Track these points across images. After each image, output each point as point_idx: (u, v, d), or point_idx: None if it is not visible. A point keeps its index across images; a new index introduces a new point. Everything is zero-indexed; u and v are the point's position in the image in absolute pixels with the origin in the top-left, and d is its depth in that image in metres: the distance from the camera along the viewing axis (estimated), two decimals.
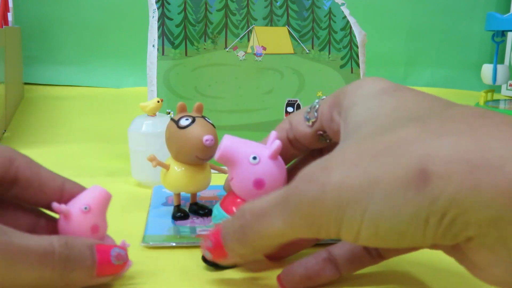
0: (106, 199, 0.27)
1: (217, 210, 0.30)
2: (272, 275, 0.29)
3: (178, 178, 0.35)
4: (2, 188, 0.26)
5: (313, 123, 0.28)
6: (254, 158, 0.28)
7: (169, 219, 0.37)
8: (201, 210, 0.38)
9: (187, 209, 0.38)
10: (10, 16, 0.85)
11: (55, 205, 0.26)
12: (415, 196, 0.19)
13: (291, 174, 0.27)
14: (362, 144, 0.21)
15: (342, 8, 0.58)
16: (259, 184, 0.28)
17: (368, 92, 0.24)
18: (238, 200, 0.29)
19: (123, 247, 0.26)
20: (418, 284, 0.29)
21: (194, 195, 0.38)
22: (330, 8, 0.58)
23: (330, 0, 0.58)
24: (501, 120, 0.19)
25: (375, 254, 0.28)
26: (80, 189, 0.28)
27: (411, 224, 0.19)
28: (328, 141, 0.29)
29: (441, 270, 0.30)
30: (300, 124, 0.28)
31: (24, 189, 0.26)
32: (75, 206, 0.26)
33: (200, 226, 0.36)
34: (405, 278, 0.30)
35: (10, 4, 0.87)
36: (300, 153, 0.31)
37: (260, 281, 0.29)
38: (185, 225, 0.36)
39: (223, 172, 0.38)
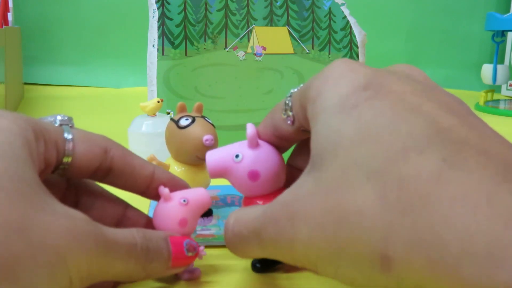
0: (205, 202, 0.28)
1: None
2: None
3: None
4: (97, 177, 0.27)
5: (292, 122, 0.26)
6: (237, 156, 0.28)
7: None
8: None
9: None
10: (10, 16, 0.86)
11: (161, 187, 0.27)
12: (381, 276, 0.18)
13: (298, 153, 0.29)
14: (325, 199, 0.20)
15: (342, 8, 0.58)
16: (253, 175, 0.28)
17: (327, 105, 0.22)
18: (256, 200, 0.29)
19: (193, 239, 0.27)
20: None
21: None
22: (330, 8, 0.58)
23: (330, 0, 0.58)
24: (457, 187, 0.17)
25: None
26: (169, 176, 0.28)
27: None
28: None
29: None
30: (281, 123, 0.27)
31: (117, 177, 0.27)
32: (176, 196, 0.27)
33: (200, 226, 0.36)
34: None
35: (10, 4, 0.88)
36: (293, 143, 0.29)
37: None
38: None
39: None
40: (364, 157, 0.19)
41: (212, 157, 0.28)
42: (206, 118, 0.35)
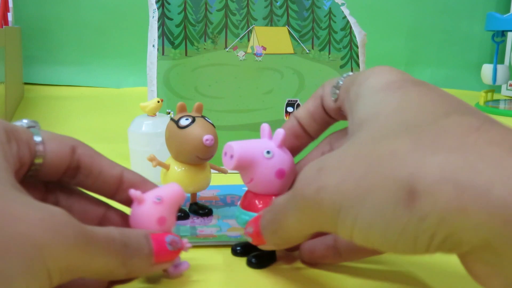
0: (179, 197, 0.28)
1: (239, 211, 0.31)
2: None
3: (178, 178, 0.35)
4: (67, 176, 0.27)
5: (336, 100, 0.28)
6: (268, 152, 0.29)
7: None
8: (201, 210, 0.38)
9: (187, 209, 0.38)
10: (10, 16, 0.86)
11: (131, 191, 0.27)
12: (403, 213, 0.19)
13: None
14: (360, 149, 0.21)
15: (342, 8, 0.58)
16: (280, 174, 0.29)
17: (373, 85, 0.24)
18: (260, 197, 0.30)
19: (175, 234, 0.27)
20: (420, 284, 0.29)
21: (194, 195, 0.38)
22: (330, 8, 0.58)
23: (330, 0, 0.58)
24: (495, 136, 0.19)
25: None
26: (140, 178, 0.29)
27: (400, 238, 0.19)
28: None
29: (442, 270, 0.31)
30: (328, 96, 0.29)
31: (86, 176, 0.27)
32: (149, 196, 0.27)
33: (200, 226, 0.36)
34: (407, 278, 0.30)
35: (10, 4, 0.87)
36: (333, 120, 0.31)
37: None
38: (186, 225, 0.36)
39: (223, 172, 0.38)
40: (405, 119, 0.21)
41: (241, 148, 0.28)
42: (206, 118, 0.35)
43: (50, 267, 0.20)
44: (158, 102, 0.46)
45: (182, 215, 0.37)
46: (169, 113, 0.52)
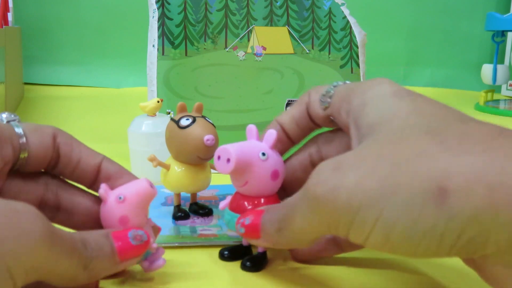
0: (146, 194, 0.27)
1: (229, 215, 0.30)
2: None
3: (178, 178, 0.35)
4: (49, 165, 0.27)
5: (326, 108, 0.28)
6: (263, 154, 0.29)
7: (169, 219, 0.37)
8: (201, 210, 0.38)
9: (187, 209, 0.38)
10: (10, 16, 0.86)
11: (101, 186, 0.27)
12: (433, 211, 0.19)
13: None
14: (380, 149, 0.21)
15: (342, 8, 0.58)
16: (275, 175, 0.29)
17: (379, 94, 0.24)
18: (250, 199, 0.30)
19: (141, 228, 0.27)
20: (423, 283, 0.29)
21: (194, 195, 0.38)
22: (330, 8, 0.58)
23: (330, 0, 0.58)
24: None
25: None
26: (119, 169, 0.28)
27: (426, 237, 0.19)
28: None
29: (447, 267, 0.31)
30: (315, 103, 0.29)
31: (65, 165, 0.27)
32: (113, 194, 0.27)
33: (200, 226, 0.36)
34: (406, 279, 0.30)
35: (10, 4, 0.87)
36: (310, 131, 0.31)
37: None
38: (186, 225, 0.36)
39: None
40: (423, 123, 0.21)
41: (238, 151, 0.28)
42: (206, 118, 0.35)
43: (12, 266, 0.19)
44: (158, 102, 0.46)
45: (183, 215, 0.37)
46: (169, 113, 0.52)
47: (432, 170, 0.19)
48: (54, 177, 0.28)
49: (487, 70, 0.98)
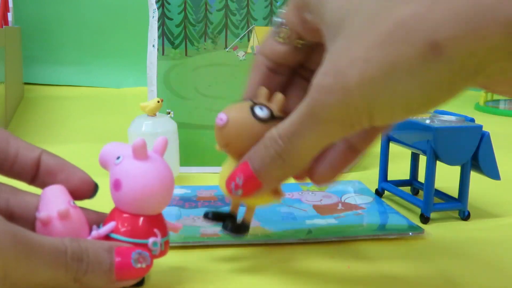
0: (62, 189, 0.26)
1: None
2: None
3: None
4: None
5: (288, 37, 0.27)
6: (118, 158, 0.26)
7: (169, 219, 0.37)
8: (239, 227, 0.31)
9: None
10: (10, 16, 0.86)
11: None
12: (435, 65, 0.20)
13: None
14: (362, 35, 0.21)
15: None
16: (116, 185, 0.26)
17: None
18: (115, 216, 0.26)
19: (147, 250, 0.25)
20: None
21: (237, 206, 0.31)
22: None
23: None
24: None
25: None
26: (59, 161, 0.27)
27: (439, 89, 0.20)
28: (310, 47, 0.28)
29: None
30: (274, 47, 0.28)
31: (3, 161, 0.26)
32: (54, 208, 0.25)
33: (202, 225, 0.35)
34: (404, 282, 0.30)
35: (10, 4, 0.87)
36: (287, 76, 0.30)
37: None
38: (188, 225, 0.35)
39: None
40: None
41: (105, 148, 0.27)
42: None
43: None
44: (158, 102, 0.46)
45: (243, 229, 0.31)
46: (169, 113, 0.52)
47: (418, 32, 0.20)
48: (3, 185, 0.27)
49: None
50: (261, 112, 0.27)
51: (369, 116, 0.22)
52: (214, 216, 0.30)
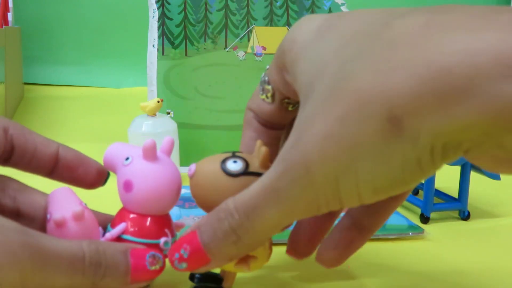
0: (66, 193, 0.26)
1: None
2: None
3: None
4: (2, 158, 0.26)
5: (272, 96, 0.26)
6: (127, 159, 0.26)
7: None
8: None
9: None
10: (10, 16, 0.85)
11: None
12: (397, 144, 0.18)
13: None
14: (324, 107, 0.19)
15: (342, 8, 0.58)
16: (127, 186, 0.25)
17: (304, 40, 0.22)
18: (126, 217, 0.26)
19: (159, 252, 0.25)
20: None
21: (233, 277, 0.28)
22: (330, 8, 0.58)
23: (330, 0, 0.58)
24: (456, 22, 0.17)
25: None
26: (75, 154, 0.27)
27: (406, 169, 0.18)
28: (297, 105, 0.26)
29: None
30: (260, 106, 0.27)
31: (21, 156, 0.26)
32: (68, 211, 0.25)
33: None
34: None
35: (10, 4, 0.87)
36: (284, 128, 0.28)
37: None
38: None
39: None
40: (351, 46, 0.19)
41: (111, 149, 0.27)
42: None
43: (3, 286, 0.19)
44: (158, 102, 0.46)
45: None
46: (169, 113, 0.52)
47: (374, 106, 0.18)
48: (11, 181, 0.27)
49: None
50: (233, 166, 0.24)
51: (337, 198, 0.20)
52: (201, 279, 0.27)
